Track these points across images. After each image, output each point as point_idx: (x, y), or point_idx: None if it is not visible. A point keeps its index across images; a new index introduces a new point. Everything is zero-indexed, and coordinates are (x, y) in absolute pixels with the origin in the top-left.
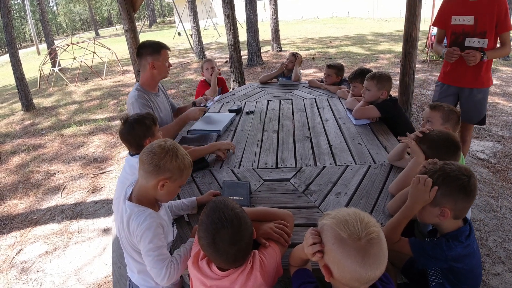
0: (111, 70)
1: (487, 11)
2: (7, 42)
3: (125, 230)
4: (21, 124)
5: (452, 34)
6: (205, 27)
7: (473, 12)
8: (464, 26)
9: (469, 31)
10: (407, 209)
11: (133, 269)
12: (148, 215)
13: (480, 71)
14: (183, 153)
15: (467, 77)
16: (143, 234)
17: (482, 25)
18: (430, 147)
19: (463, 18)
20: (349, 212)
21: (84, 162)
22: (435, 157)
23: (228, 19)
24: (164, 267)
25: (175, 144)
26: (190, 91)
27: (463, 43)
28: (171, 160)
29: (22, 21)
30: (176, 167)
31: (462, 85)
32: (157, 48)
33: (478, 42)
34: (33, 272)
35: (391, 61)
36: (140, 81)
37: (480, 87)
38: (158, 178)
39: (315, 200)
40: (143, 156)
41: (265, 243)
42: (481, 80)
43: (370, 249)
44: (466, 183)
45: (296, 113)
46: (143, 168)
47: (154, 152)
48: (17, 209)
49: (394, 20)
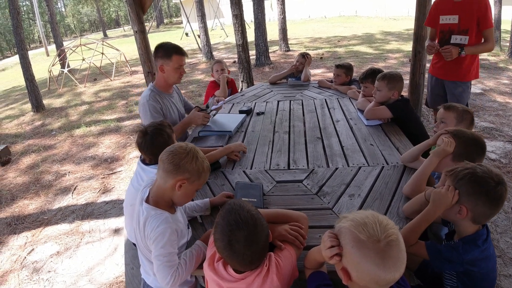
0: (120, 71)
1: (468, 10)
2: (17, 44)
3: (141, 232)
4: (32, 124)
5: (440, 32)
6: (213, 27)
7: (457, 12)
8: (450, 24)
9: (454, 29)
10: (428, 213)
11: (148, 271)
12: (164, 219)
13: (462, 65)
14: (202, 157)
15: (450, 70)
16: (157, 238)
17: (464, 23)
18: (463, 143)
19: (449, 17)
20: (367, 214)
21: (95, 163)
22: (463, 154)
23: (236, 20)
24: (170, 274)
25: (195, 147)
26: (199, 91)
27: (449, 40)
28: (191, 161)
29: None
30: (195, 168)
31: (446, 78)
32: (168, 52)
33: (460, 39)
34: (45, 272)
35: (400, 61)
36: (155, 81)
37: (461, 80)
38: (177, 178)
39: (329, 202)
40: (164, 155)
41: (281, 245)
42: (462, 73)
43: (389, 251)
44: (491, 188)
45: (307, 113)
46: (162, 168)
47: (175, 152)
48: (28, 209)
49: (402, 19)
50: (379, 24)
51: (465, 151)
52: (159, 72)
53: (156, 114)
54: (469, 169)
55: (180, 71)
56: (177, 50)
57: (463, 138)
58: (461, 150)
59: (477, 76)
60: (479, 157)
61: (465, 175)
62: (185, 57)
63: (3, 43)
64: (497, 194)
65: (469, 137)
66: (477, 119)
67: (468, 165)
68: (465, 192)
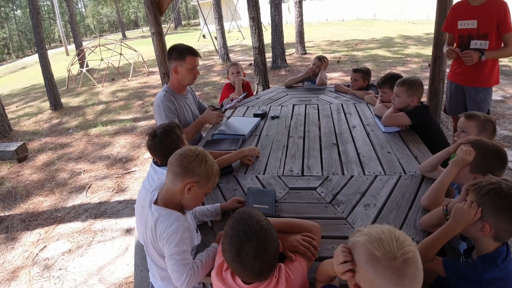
0: (137, 71)
1: (488, 14)
2: (36, 43)
3: (150, 234)
4: (49, 122)
5: (459, 37)
6: (230, 29)
7: (475, 16)
8: (469, 29)
9: (473, 34)
10: (448, 229)
11: (156, 275)
12: (175, 218)
13: (483, 71)
14: (212, 160)
15: (471, 76)
16: (170, 237)
17: (483, 28)
18: (483, 155)
19: (468, 22)
20: (383, 229)
21: (109, 162)
22: (484, 165)
23: (253, 22)
24: (185, 273)
25: (205, 150)
26: (214, 93)
27: (468, 45)
28: (200, 164)
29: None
30: (204, 171)
31: (466, 84)
32: (182, 54)
33: (480, 44)
34: (56, 270)
35: (420, 65)
36: (169, 82)
37: (482, 86)
38: (186, 181)
39: (343, 211)
40: (173, 158)
41: (291, 256)
42: (483, 79)
43: (405, 270)
44: None
45: (322, 118)
46: (172, 171)
47: (185, 155)
48: (42, 207)
49: (422, 23)
50: (398, 28)
51: (485, 163)
52: (173, 73)
53: (171, 114)
54: (494, 184)
55: (194, 72)
56: (191, 51)
57: (484, 149)
58: (481, 162)
59: (498, 82)
60: (499, 171)
61: (489, 190)
62: (199, 58)
63: (24, 41)
64: None
65: (489, 148)
66: (498, 127)
67: (493, 180)
68: (489, 209)
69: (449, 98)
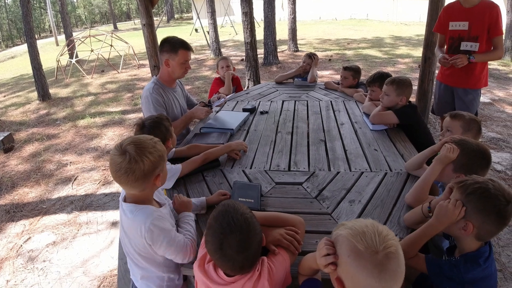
0: (128, 63)
1: (479, 17)
2: (25, 32)
3: (128, 233)
4: (37, 113)
5: (450, 38)
6: (222, 24)
7: (467, 18)
8: (460, 31)
9: (463, 35)
10: (430, 227)
11: (136, 274)
12: (149, 214)
13: (473, 72)
14: (142, 145)
15: (460, 77)
16: (153, 235)
17: (475, 30)
18: (466, 154)
19: (459, 24)
20: (366, 223)
21: (97, 154)
22: (467, 165)
23: (245, 17)
24: (187, 250)
25: (128, 146)
26: (205, 87)
27: (459, 47)
28: (143, 162)
29: (42, 11)
30: (153, 160)
31: (456, 85)
32: (174, 47)
33: (471, 46)
34: (40, 262)
35: (410, 66)
36: (158, 75)
37: (471, 87)
38: (152, 180)
39: (328, 207)
40: (122, 178)
41: (275, 250)
42: (473, 81)
43: (387, 264)
44: (502, 206)
45: (311, 115)
46: (133, 186)
47: (125, 169)
48: (28, 198)
49: (414, 24)
50: (390, 29)
51: (468, 162)
52: (164, 66)
53: (159, 107)
54: (480, 184)
55: (186, 66)
56: (183, 45)
57: (468, 149)
58: (464, 161)
59: (486, 84)
60: (482, 171)
61: (475, 189)
62: (191, 53)
63: (14, 31)
64: (507, 213)
65: (473, 148)
66: (485, 129)
67: (479, 179)
68: (473, 208)
69: (438, 98)
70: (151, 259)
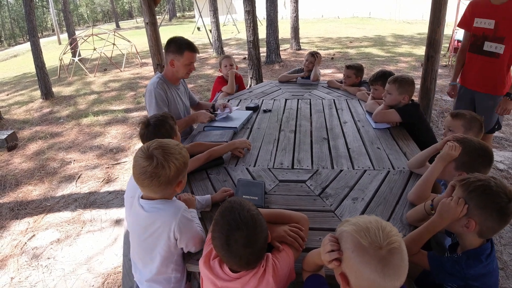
0: (130, 62)
1: (508, 16)
2: (29, 30)
3: (148, 229)
4: (40, 111)
5: (473, 35)
6: (225, 22)
7: (494, 16)
8: (484, 29)
9: (488, 34)
10: (433, 224)
11: (141, 276)
12: (179, 206)
13: (497, 78)
14: (169, 151)
15: (483, 82)
16: (183, 226)
17: (501, 30)
18: (468, 152)
19: (485, 21)
20: (370, 219)
21: (100, 152)
22: (469, 163)
23: (248, 16)
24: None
25: (155, 150)
26: (208, 86)
27: (482, 46)
28: (170, 168)
29: (45, 10)
30: (178, 166)
31: (477, 89)
32: (180, 48)
33: (495, 47)
34: (44, 259)
35: (412, 65)
36: (163, 71)
37: (493, 93)
38: (174, 186)
39: (331, 204)
40: (146, 182)
41: (279, 246)
42: (495, 86)
43: (391, 259)
44: (504, 203)
45: (314, 113)
46: (154, 191)
47: (151, 174)
48: (32, 195)
49: (416, 23)
50: (392, 27)
51: (470, 160)
52: (169, 65)
53: (162, 102)
54: (482, 181)
55: (190, 67)
56: (190, 47)
57: (470, 147)
58: (466, 159)
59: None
60: (484, 169)
61: (478, 187)
62: (197, 54)
63: (16, 29)
64: (509, 211)
65: (475, 146)
66: None
67: (481, 177)
68: (476, 206)
69: (456, 101)
70: (164, 256)
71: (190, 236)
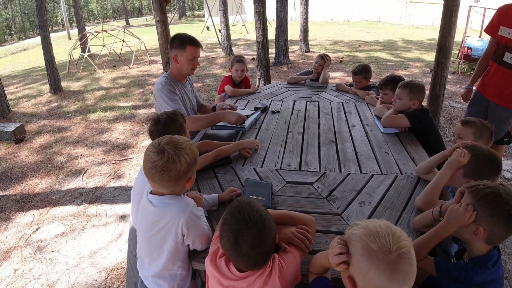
0: (139, 59)
1: None
2: (40, 25)
3: (155, 225)
4: (48, 105)
5: (496, 44)
6: (234, 23)
7: None
8: (508, 39)
9: (510, 45)
10: (441, 230)
11: (146, 272)
12: (187, 203)
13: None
14: (180, 146)
15: (499, 92)
16: (191, 223)
17: None
18: (477, 160)
19: (509, 31)
20: (380, 223)
21: (107, 148)
22: (477, 170)
23: (258, 16)
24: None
25: (166, 145)
26: (215, 85)
27: (502, 56)
28: (181, 162)
29: (55, 5)
30: (188, 162)
31: (492, 99)
32: (183, 43)
33: None
34: (48, 252)
35: (421, 70)
36: (169, 70)
37: (507, 106)
38: (184, 181)
39: (338, 207)
40: (156, 177)
41: (286, 247)
42: (510, 100)
43: (400, 264)
44: None
45: (322, 116)
46: (164, 186)
47: (162, 168)
48: (38, 188)
49: (426, 28)
50: (402, 32)
51: (478, 168)
52: (173, 62)
53: (174, 97)
54: (491, 188)
55: (194, 62)
56: (192, 41)
57: (478, 155)
58: (474, 167)
59: None
60: (492, 177)
61: (487, 194)
62: (200, 49)
63: (27, 23)
64: None
65: (484, 154)
66: None
67: (490, 184)
68: (484, 212)
69: (469, 106)
70: (172, 252)
71: (198, 233)
